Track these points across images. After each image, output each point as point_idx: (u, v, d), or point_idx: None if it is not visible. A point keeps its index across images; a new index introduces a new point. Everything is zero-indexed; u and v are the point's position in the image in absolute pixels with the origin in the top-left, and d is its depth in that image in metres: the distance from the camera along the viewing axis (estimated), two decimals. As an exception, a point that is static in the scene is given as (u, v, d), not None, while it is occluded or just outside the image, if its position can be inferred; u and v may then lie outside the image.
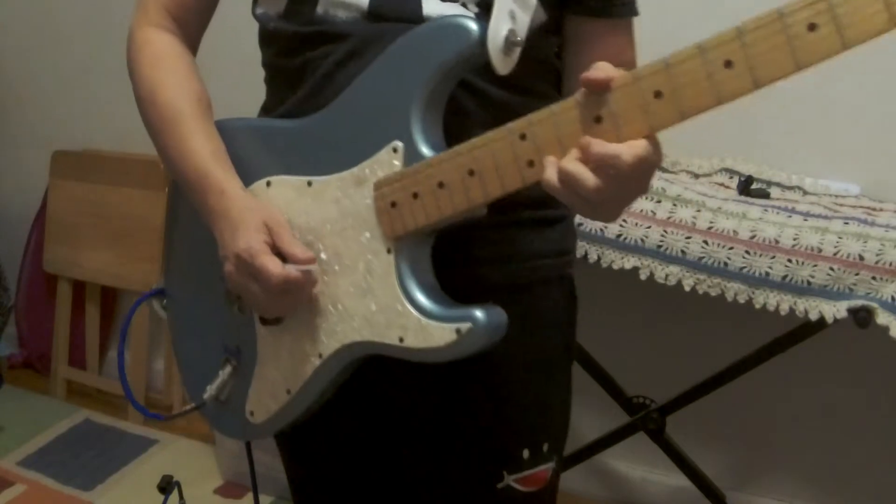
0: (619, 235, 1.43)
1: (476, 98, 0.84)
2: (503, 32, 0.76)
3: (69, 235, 2.56)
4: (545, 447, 0.94)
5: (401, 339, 0.79)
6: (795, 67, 0.62)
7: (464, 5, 0.83)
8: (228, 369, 0.94)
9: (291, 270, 0.79)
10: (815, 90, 1.66)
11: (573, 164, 0.68)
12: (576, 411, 1.12)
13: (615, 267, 1.46)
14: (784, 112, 1.73)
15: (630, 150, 0.67)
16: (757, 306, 1.38)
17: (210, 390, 0.94)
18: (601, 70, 0.68)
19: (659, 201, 1.43)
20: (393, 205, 0.79)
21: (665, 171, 1.65)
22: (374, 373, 0.88)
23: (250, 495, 2.06)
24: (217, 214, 0.85)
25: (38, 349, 2.70)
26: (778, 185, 1.68)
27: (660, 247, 1.42)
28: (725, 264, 1.38)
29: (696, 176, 1.68)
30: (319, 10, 0.86)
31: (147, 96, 0.91)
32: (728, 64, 0.63)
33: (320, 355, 0.86)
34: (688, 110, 0.65)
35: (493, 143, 0.73)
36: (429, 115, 0.79)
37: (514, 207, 0.85)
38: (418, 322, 0.78)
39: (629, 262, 1.44)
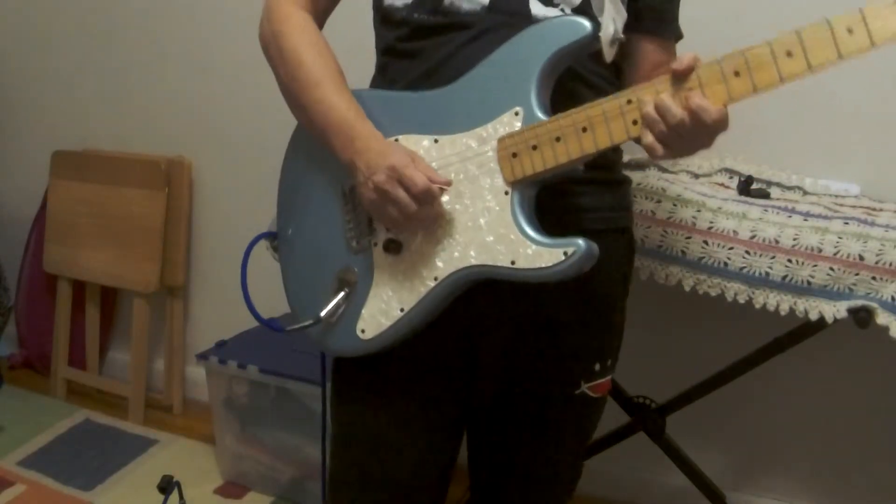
0: (619, 235, 1.43)
1: (582, 82, 1.05)
2: (611, 30, 1.03)
3: (69, 235, 2.56)
4: (609, 361, 1.16)
5: (512, 262, 0.97)
6: (838, 57, 0.84)
7: (562, 10, 1.04)
8: (342, 294, 1.09)
9: (433, 184, 0.98)
10: (816, 90, 1.66)
11: (668, 99, 0.89)
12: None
13: (615, 267, 1.46)
14: (784, 112, 1.73)
15: (716, 109, 0.88)
16: (757, 306, 1.37)
17: (326, 310, 1.09)
18: (683, 61, 0.89)
19: (659, 201, 1.43)
20: (514, 155, 0.98)
21: (665, 170, 1.64)
22: (473, 307, 1.06)
23: (250, 495, 2.08)
24: (363, 151, 1.02)
25: (38, 349, 2.70)
26: (778, 185, 1.67)
27: (660, 247, 1.42)
28: (725, 264, 1.38)
29: (696, 176, 1.67)
30: (447, 0, 1.05)
31: (294, 57, 1.08)
32: (789, 54, 0.85)
33: (436, 278, 1.03)
34: (759, 85, 0.87)
35: (604, 105, 0.94)
36: (543, 88, 0.99)
37: (594, 169, 1.05)
38: (529, 247, 0.96)
39: (629, 262, 1.44)
